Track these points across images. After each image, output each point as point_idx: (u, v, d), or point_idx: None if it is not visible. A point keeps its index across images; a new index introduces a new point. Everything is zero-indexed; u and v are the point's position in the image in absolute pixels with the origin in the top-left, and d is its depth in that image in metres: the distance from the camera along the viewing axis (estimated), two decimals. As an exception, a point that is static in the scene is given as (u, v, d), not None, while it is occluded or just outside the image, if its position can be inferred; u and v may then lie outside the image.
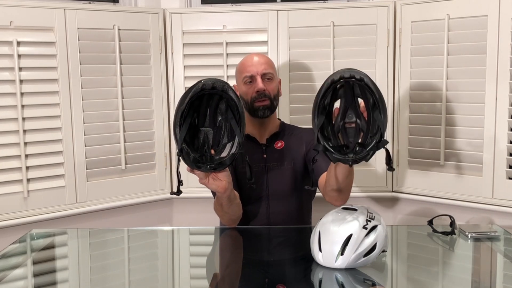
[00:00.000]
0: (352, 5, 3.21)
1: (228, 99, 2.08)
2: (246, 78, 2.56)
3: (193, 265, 2.20)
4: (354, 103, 2.01)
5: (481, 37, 2.87)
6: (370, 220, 1.92)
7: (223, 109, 2.12)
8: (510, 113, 2.81)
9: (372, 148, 1.95)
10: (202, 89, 2.04)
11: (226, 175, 2.16)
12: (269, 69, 2.56)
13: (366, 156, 1.96)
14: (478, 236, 2.22)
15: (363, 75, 1.95)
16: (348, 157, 1.96)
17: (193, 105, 2.09)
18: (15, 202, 2.88)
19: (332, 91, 2.01)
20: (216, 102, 2.11)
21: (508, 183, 2.83)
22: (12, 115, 2.84)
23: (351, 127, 2.03)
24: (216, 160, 2.10)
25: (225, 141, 2.14)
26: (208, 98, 2.11)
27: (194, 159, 2.08)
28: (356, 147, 1.99)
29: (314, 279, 1.94)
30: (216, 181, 2.16)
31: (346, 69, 1.98)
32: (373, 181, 3.22)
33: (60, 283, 1.99)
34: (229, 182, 2.19)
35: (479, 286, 1.90)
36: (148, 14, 3.19)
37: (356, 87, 1.99)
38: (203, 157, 2.11)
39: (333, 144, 2.02)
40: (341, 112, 2.03)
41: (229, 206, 2.33)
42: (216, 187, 2.17)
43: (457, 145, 2.98)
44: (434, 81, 3.01)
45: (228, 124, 2.13)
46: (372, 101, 1.97)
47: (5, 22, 2.80)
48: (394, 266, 2.06)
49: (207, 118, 2.13)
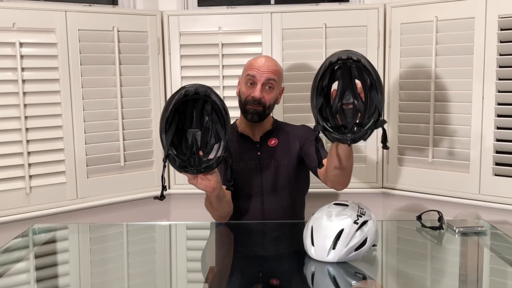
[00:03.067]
0: (344, 7, 3.24)
1: (212, 103, 2.08)
2: (248, 77, 2.55)
3: (189, 259, 2.22)
4: (351, 84, 2.01)
5: (468, 38, 2.89)
6: (361, 215, 1.94)
7: (209, 110, 2.11)
8: (496, 112, 2.84)
9: (370, 127, 1.94)
10: (185, 95, 2.05)
11: (214, 176, 2.16)
12: (274, 77, 2.54)
13: (364, 135, 1.95)
14: (466, 231, 2.24)
15: (360, 56, 1.95)
16: (346, 136, 1.95)
17: (178, 109, 2.08)
18: (18, 198, 2.90)
19: (330, 73, 2.00)
20: (202, 104, 2.11)
21: (494, 179, 2.86)
22: (15, 113, 2.85)
23: (348, 108, 2.02)
24: (203, 163, 2.09)
25: (212, 142, 2.13)
26: (193, 101, 2.10)
27: (181, 165, 2.07)
28: (354, 127, 1.99)
29: (306, 273, 1.96)
30: (205, 181, 2.15)
31: (343, 51, 1.98)
32: (364, 178, 3.25)
33: (61, 276, 2.00)
34: (217, 182, 2.18)
35: (466, 279, 1.91)
36: (146, 16, 3.20)
37: (353, 69, 1.98)
38: (191, 160, 2.10)
39: (332, 124, 2.00)
40: (339, 94, 2.02)
41: (218, 204, 2.33)
42: (204, 187, 2.16)
43: (445, 142, 3.01)
44: (423, 81, 3.04)
45: (214, 126, 2.12)
46: (369, 81, 1.95)
47: (8, 23, 2.82)
48: (384, 260, 2.07)
49: (194, 119, 2.13)
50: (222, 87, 3.23)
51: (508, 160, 2.83)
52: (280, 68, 2.65)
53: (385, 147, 2.01)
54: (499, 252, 2.12)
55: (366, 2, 3.32)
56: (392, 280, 1.95)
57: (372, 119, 1.95)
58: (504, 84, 2.82)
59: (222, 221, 2.52)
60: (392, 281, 1.94)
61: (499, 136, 2.84)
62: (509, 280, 1.91)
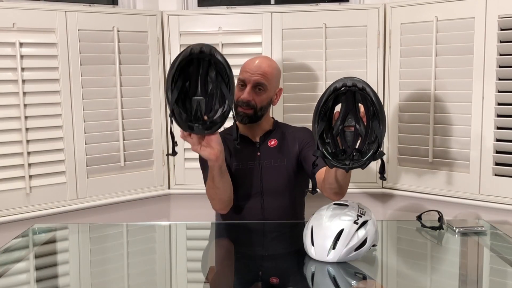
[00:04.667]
0: (344, 7, 3.25)
1: (217, 62, 2.09)
2: (239, 80, 2.57)
3: (189, 258, 2.22)
4: (354, 109, 2.02)
5: (468, 38, 2.89)
6: (361, 215, 1.94)
7: (213, 76, 2.12)
8: (496, 112, 2.84)
9: (369, 158, 1.96)
10: (191, 54, 2.06)
11: (218, 143, 2.19)
12: (263, 80, 2.54)
13: (363, 165, 1.96)
14: (465, 231, 2.24)
15: (365, 85, 1.95)
16: (345, 164, 1.97)
17: (183, 72, 2.09)
18: (18, 198, 2.90)
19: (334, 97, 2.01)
20: (206, 70, 2.12)
21: (494, 179, 2.86)
22: (15, 114, 2.85)
23: (349, 131, 2.04)
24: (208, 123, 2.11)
25: (216, 107, 2.14)
26: (198, 64, 2.11)
27: (186, 119, 2.09)
28: (353, 152, 2.00)
29: (306, 273, 1.96)
30: (208, 148, 2.18)
31: (348, 78, 1.98)
32: (364, 178, 3.24)
33: (61, 276, 2.01)
34: (220, 151, 2.21)
35: (466, 279, 1.92)
36: (146, 16, 3.21)
37: (358, 94, 1.99)
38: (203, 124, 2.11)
39: (332, 148, 2.02)
40: (341, 116, 2.03)
41: (220, 179, 2.33)
42: (208, 154, 2.19)
43: (445, 143, 3.01)
44: (423, 81, 3.04)
45: (218, 91, 2.13)
46: (372, 110, 1.97)
47: (8, 24, 2.82)
48: (384, 260, 2.08)
49: (198, 87, 2.13)
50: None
51: (508, 160, 2.83)
52: (275, 70, 2.64)
53: (382, 178, 2.05)
54: (499, 252, 2.13)
55: (366, 2, 3.32)
56: (392, 280, 1.95)
57: (371, 148, 1.97)
58: (504, 84, 2.82)
59: (224, 210, 2.52)
60: (392, 281, 1.95)
61: (499, 136, 2.84)
62: (509, 280, 1.92)
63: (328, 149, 2.02)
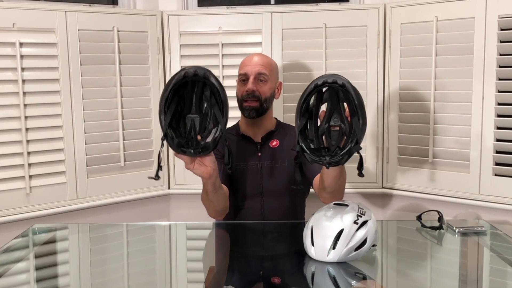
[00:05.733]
0: (344, 7, 3.25)
1: (211, 85, 2.08)
2: (241, 76, 2.59)
3: (189, 258, 2.22)
4: (339, 107, 2.03)
5: (468, 38, 2.89)
6: (361, 215, 1.94)
7: (208, 95, 2.11)
8: (496, 112, 2.84)
9: (346, 152, 1.97)
10: (185, 77, 2.05)
11: (211, 161, 2.17)
12: (265, 70, 2.56)
13: (341, 160, 1.98)
14: (465, 231, 2.24)
15: (345, 81, 1.97)
16: (323, 159, 1.99)
17: (178, 92, 2.09)
18: (18, 198, 2.90)
19: (318, 94, 2.03)
20: (201, 89, 2.11)
21: (494, 179, 2.86)
22: (15, 113, 2.86)
23: (335, 130, 2.04)
24: (200, 145, 2.11)
25: (210, 127, 2.13)
26: (193, 85, 2.10)
27: (179, 144, 2.08)
28: (336, 149, 2.02)
29: (307, 272, 1.96)
30: (202, 166, 2.16)
31: (329, 74, 2.00)
32: (364, 178, 3.15)
33: (61, 276, 2.00)
34: (214, 169, 2.19)
35: (466, 279, 1.91)
36: (146, 16, 3.21)
37: (340, 92, 2.00)
38: (189, 143, 2.11)
39: (315, 145, 2.04)
40: (327, 115, 2.04)
41: (214, 194, 2.32)
42: (201, 173, 2.17)
43: (445, 143, 3.01)
44: (423, 81, 3.04)
45: (212, 110, 2.12)
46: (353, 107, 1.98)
47: (8, 24, 2.82)
48: (384, 260, 2.07)
49: (193, 105, 2.13)
50: (222, 87, 3.21)
51: (508, 160, 2.83)
52: (273, 63, 2.67)
53: (360, 175, 2.06)
54: (499, 252, 2.12)
55: (366, 2, 3.32)
56: (392, 280, 1.95)
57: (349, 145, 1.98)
58: (504, 84, 2.82)
59: (218, 218, 2.53)
60: (392, 281, 1.95)
61: (499, 136, 2.84)
62: (509, 280, 1.92)
63: (312, 145, 2.04)
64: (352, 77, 3.15)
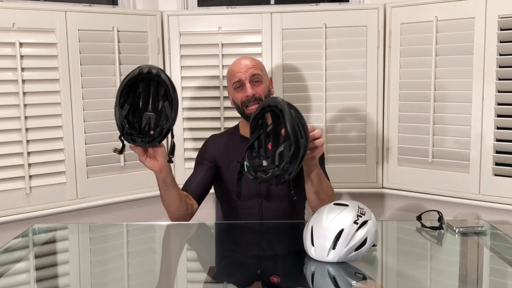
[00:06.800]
0: (344, 7, 3.25)
1: (161, 82, 2.17)
2: (235, 83, 2.58)
3: (189, 259, 2.22)
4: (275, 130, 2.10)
5: (468, 38, 2.89)
6: (361, 215, 1.93)
7: (163, 95, 2.20)
8: (496, 112, 2.85)
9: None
10: (139, 73, 2.14)
11: (163, 156, 2.27)
12: (257, 71, 2.57)
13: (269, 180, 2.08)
14: (465, 231, 2.23)
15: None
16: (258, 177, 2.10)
17: (136, 90, 2.19)
18: (18, 198, 2.90)
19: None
20: (156, 88, 2.20)
21: (494, 179, 2.87)
22: (15, 114, 2.86)
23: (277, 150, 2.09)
24: (149, 136, 2.20)
25: (163, 123, 2.21)
26: (148, 83, 2.20)
27: (127, 132, 2.17)
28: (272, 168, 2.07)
29: (306, 272, 1.95)
30: (153, 160, 2.26)
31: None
32: (364, 178, 3.25)
33: (61, 276, 1.98)
34: (164, 164, 2.28)
35: (466, 279, 1.90)
36: (146, 16, 3.21)
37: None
38: (144, 137, 2.20)
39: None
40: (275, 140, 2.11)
41: (165, 190, 2.39)
42: (152, 166, 2.27)
43: (445, 143, 3.02)
44: (422, 81, 3.04)
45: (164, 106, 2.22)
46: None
47: (8, 24, 2.82)
48: (384, 260, 2.06)
49: (149, 104, 2.21)
50: (222, 87, 3.22)
51: (508, 160, 2.84)
52: (260, 61, 2.68)
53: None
54: (499, 252, 2.11)
55: (366, 2, 3.32)
56: (392, 280, 1.94)
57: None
58: (504, 84, 2.82)
59: (174, 221, 2.54)
60: (392, 281, 1.94)
61: (499, 136, 2.85)
62: (509, 280, 1.91)
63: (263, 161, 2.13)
64: (352, 77, 3.18)
